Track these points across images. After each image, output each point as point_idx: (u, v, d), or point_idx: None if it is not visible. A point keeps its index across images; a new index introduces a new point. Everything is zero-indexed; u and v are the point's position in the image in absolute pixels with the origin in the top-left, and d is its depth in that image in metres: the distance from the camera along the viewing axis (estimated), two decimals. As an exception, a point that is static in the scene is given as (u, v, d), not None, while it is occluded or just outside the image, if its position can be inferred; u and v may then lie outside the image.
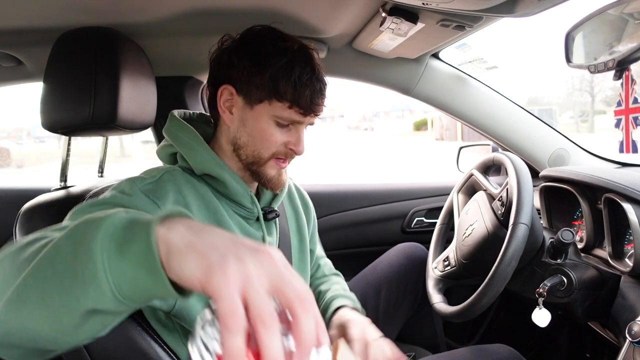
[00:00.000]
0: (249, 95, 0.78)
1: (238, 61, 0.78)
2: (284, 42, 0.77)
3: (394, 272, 1.24)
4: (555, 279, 0.94)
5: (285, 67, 0.75)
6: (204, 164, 0.79)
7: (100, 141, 1.18)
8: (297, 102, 0.76)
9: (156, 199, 0.71)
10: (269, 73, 0.75)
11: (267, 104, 0.77)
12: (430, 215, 1.62)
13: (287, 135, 0.80)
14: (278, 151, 0.81)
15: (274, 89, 0.75)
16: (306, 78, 0.76)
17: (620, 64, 0.76)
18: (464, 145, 1.68)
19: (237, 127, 0.81)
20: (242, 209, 0.83)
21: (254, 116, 0.79)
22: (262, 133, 0.79)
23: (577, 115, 25.74)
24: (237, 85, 0.79)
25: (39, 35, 1.03)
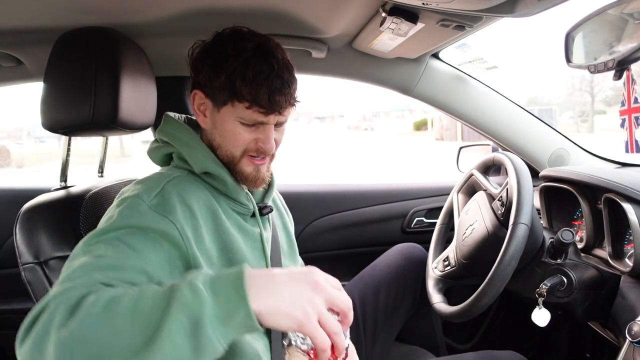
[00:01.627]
0: (214, 98, 0.79)
1: (201, 66, 0.79)
2: (242, 42, 0.77)
3: (392, 272, 1.24)
4: (555, 279, 0.94)
5: (240, 67, 0.75)
6: (205, 163, 0.81)
7: (100, 141, 1.18)
8: (256, 101, 0.75)
9: (166, 214, 0.72)
10: (225, 75, 0.76)
11: (230, 106, 0.78)
12: (430, 215, 1.62)
13: (256, 133, 0.80)
14: (248, 148, 0.81)
15: (231, 90, 0.76)
16: (262, 77, 0.75)
17: (620, 64, 0.75)
18: (464, 145, 1.68)
19: (211, 129, 0.82)
20: (239, 206, 0.85)
21: (221, 118, 0.80)
22: (230, 133, 0.80)
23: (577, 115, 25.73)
24: (204, 90, 0.80)
25: (39, 35, 1.03)
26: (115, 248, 0.65)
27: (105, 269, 0.62)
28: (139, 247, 0.67)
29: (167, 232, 0.70)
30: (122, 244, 0.66)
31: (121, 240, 0.66)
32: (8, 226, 0.89)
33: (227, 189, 0.82)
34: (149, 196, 0.73)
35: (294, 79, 0.80)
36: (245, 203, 0.85)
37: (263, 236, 0.87)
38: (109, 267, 0.62)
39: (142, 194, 0.73)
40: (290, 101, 0.79)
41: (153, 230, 0.69)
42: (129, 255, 0.65)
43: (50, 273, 0.81)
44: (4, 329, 1.49)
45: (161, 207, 0.72)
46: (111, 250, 0.65)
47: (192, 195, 0.77)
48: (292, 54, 0.84)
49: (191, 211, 0.75)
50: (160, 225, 0.70)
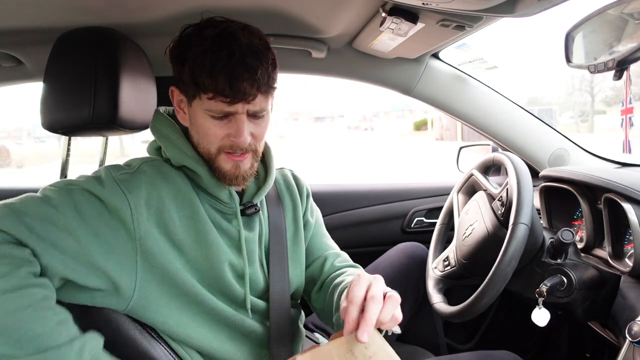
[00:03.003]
0: (186, 93, 0.78)
1: (173, 62, 0.78)
2: (205, 30, 0.74)
3: (395, 271, 1.24)
4: (555, 279, 0.94)
5: (200, 57, 0.72)
6: (180, 156, 0.80)
7: (100, 141, 1.18)
8: (217, 90, 0.72)
9: (126, 191, 0.72)
10: (188, 67, 0.73)
11: (198, 99, 0.75)
12: (430, 215, 1.62)
13: (227, 128, 0.76)
14: (223, 145, 0.78)
15: (194, 82, 0.73)
16: (221, 64, 0.71)
17: (620, 64, 0.76)
18: (464, 145, 1.68)
19: (190, 125, 0.81)
20: (220, 204, 0.82)
21: (193, 113, 0.78)
22: (202, 129, 0.77)
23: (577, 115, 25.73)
24: (178, 86, 0.79)
25: (39, 35, 1.03)
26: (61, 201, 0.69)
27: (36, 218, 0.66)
28: (82, 209, 0.69)
29: (117, 208, 0.71)
30: (71, 200, 0.69)
31: (72, 196, 0.70)
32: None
33: (204, 184, 0.80)
34: (119, 170, 0.75)
35: (261, 64, 0.73)
36: (226, 201, 0.82)
37: (242, 237, 0.83)
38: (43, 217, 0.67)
39: (115, 167, 0.77)
40: (259, 88, 0.73)
41: (104, 200, 0.71)
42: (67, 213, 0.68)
43: (50, 273, 0.81)
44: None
45: (125, 184, 0.73)
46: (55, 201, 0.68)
47: (166, 180, 0.77)
48: (292, 54, 0.84)
49: (159, 194, 0.75)
50: (114, 200, 0.71)
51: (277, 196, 0.96)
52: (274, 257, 0.90)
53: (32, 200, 0.70)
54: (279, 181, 0.99)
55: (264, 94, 0.76)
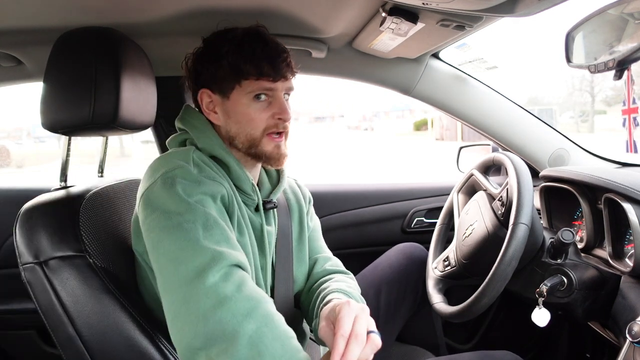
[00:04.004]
0: (221, 89, 0.85)
1: (201, 67, 0.86)
2: (231, 32, 0.85)
3: (394, 272, 1.24)
4: (555, 279, 0.94)
5: (236, 49, 0.82)
6: (213, 147, 0.85)
7: (100, 141, 1.18)
8: (261, 72, 0.82)
9: (212, 178, 0.79)
10: (226, 61, 0.82)
11: (238, 87, 0.84)
12: (430, 215, 1.62)
13: (270, 108, 0.85)
14: (268, 125, 0.85)
15: (236, 72, 0.83)
16: (258, 50, 0.82)
17: (621, 64, 0.75)
18: (464, 145, 1.68)
19: (225, 122, 0.87)
20: (244, 195, 0.87)
21: (232, 104, 0.85)
22: (246, 116, 0.85)
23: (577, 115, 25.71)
24: (209, 86, 0.86)
25: (39, 35, 1.03)
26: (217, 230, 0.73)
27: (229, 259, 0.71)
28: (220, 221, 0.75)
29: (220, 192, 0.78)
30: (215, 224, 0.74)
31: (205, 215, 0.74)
32: (8, 226, 0.89)
33: (232, 176, 0.85)
34: (189, 164, 0.78)
35: (288, 52, 0.86)
36: (250, 193, 0.88)
37: (264, 229, 0.89)
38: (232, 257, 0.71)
39: (181, 163, 0.78)
40: (291, 67, 0.86)
41: (214, 196, 0.77)
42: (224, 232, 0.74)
43: (50, 273, 0.81)
44: (4, 329, 1.49)
45: (205, 173, 0.79)
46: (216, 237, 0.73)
47: (209, 164, 0.83)
48: (292, 54, 0.86)
49: (220, 176, 0.82)
50: (216, 188, 0.78)
51: (285, 199, 1.02)
52: (280, 256, 0.94)
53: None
54: (285, 186, 1.03)
55: (292, 75, 0.87)
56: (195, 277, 0.67)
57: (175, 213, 0.72)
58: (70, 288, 0.81)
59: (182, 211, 0.72)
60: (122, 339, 0.78)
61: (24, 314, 1.45)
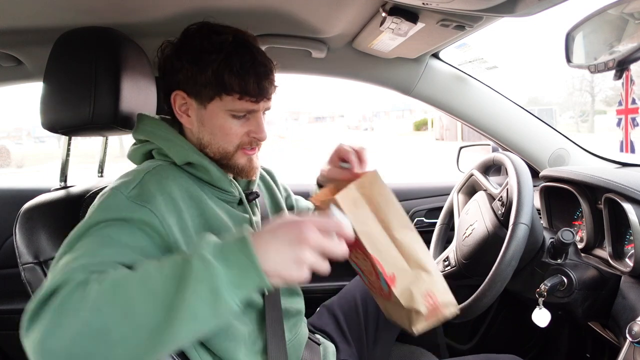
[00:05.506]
0: (199, 96, 0.79)
1: (180, 65, 0.79)
2: (219, 36, 0.78)
3: None
4: (555, 279, 0.94)
5: (224, 60, 0.76)
6: (185, 153, 0.81)
7: (100, 141, 1.18)
8: (245, 91, 0.77)
9: (145, 203, 0.71)
10: (211, 70, 0.76)
11: (218, 100, 0.79)
12: (430, 215, 1.62)
13: (247, 125, 0.82)
14: (242, 142, 0.83)
15: (219, 84, 0.77)
16: (248, 66, 0.77)
17: (621, 64, 0.75)
18: (464, 145, 1.68)
19: (198, 128, 0.82)
20: (224, 194, 0.85)
21: (209, 115, 0.80)
22: (221, 129, 0.81)
23: (577, 115, 25.72)
24: (186, 89, 0.80)
25: (39, 35, 1.03)
26: (96, 242, 0.65)
27: (87, 266, 0.62)
28: (118, 238, 0.67)
29: (146, 221, 0.70)
30: (103, 237, 0.66)
31: (101, 234, 0.66)
32: (8, 226, 0.89)
33: (210, 178, 0.83)
34: (127, 188, 0.73)
35: (273, 65, 0.82)
36: (230, 190, 0.86)
37: (253, 221, 0.88)
38: (90, 264, 0.62)
39: (120, 186, 0.73)
40: (274, 86, 0.82)
41: (131, 220, 0.69)
42: (109, 248, 0.65)
43: (50, 273, 0.81)
44: (4, 329, 1.49)
45: (139, 198, 0.72)
46: (93, 245, 0.65)
47: (172, 183, 0.77)
48: (292, 54, 0.85)
49: (172, 198, 0.75)
50: (139, 214, 0.70)
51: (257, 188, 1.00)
52: None
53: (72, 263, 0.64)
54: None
55: (274, 92, 0.83)
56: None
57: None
58: (70, 288, 0.80)
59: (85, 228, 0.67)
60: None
61: (24, 314, 1.45)
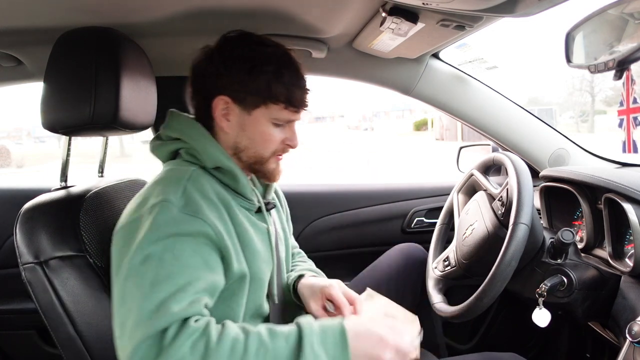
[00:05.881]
0: (244, 102, 0.82)
1: (227, 71, 0.82)
2: (268, 48, 0.84)
3: (392, 273, 1.24)
4: (555, 279, 0.94)
5: (276, 72, 0.81)
6: (217, 157, 0.83)
7: (100, 141, 1.18)
8: (290, 102, 0.83)
9: (195, 214, 0.74)
10: (263, 80, 0.81)
11: (263, 108, 0.82)
12: (430, 215, 1.62)
13: (283, 133, 0.86)
14: (277, 149, 0.87)
15: (268, 93, 0.81)
16: (295, 79, 0.84)
17: (621, 64, 0.75)
18: (464, 145, 1.68)
19: (237, 133, 0.85)
20: (245, 202, 0.87)
21: (252, 121, 0.84)
22: (262, 135, 0.84)
23: (577, 115, 25.70)
24: (232, 94, 0.82)
25: (39, 35, 1.03)
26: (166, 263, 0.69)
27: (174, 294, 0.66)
28: (186, 260, 0.70)
29: (203, 232, 0.73)
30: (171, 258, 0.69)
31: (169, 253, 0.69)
32: (8, 226, 0.89)
33: (236, 185, 0.85)
34: (175, 198, 0.74)
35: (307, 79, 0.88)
36: (251, 199, 0.88)
37: (270, 231, 0.90)
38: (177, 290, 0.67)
39: (168, 197, 0.74)
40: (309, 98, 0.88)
41: (190, 234, 0.72)
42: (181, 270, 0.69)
43: (50, 273, 0.81)
44: (4, 329, 1.49)
45: (189, 208, 0.74)
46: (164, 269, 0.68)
47: (209, 189, 0.80)
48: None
49: (214, 204, 0.79)
50: (196, 227, 0.73)
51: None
52: (280, 252, 0.98)
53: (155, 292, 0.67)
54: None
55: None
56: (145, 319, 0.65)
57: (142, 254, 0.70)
58: (70, 288, 0.81)
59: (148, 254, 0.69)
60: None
61: (24, 314, 1.45)
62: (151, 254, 0.69)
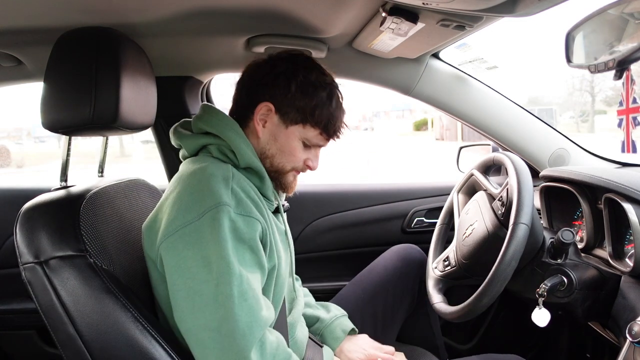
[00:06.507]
0: (286, 115, 0.87)
1: (284, 84, 0.87)
2: (324, 76, 0.89)
3: (389, 275, 1.24)
4: (555, 279, 0.94)
5: (326, 99, 0.87)
6: (250, 158, 0.86)
7: (100, 141, 1.18)
8: (327, 129, 0.89)
9: (248, 213, 0.79)
10: (313, 102, 0.86)
11: (301, 126, 0.88)
12: (430, 215, 1.62)
13: (308, 154, 0.91)
14: (297, 166, 0.92)
15: (312, 116, 0.86)
16: (338, 111, 0.89)
17: (621, 64, 0.75)
18: (464, 145, 1.68)
19: (268, 140, 0.89)
20: (268, 202, 0.91)
21: (286, 134, 0.88)
22: (290, 150, 0.89)
23: (577, 115, 25.69)
24: (277, 105, 0.87)
25: (39, 35, 1.03)
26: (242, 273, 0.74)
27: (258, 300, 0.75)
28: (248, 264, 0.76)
29: (257, 232, 0.78)
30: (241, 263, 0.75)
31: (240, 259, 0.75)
32: (8, 226, 0.89)
33: (262, 185, 0.88)
34: (228, 199, 0.77)
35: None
36: (272, 200, 0.93)
37: (287, 231, 0.96)
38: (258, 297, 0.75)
39: (222, 199, 0.76)
40: (344, 131, 0.94)
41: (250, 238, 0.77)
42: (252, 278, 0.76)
43: (50, 273, 0.81)
44: (4, 329, 1.49)
45: (242, 208, 0.78)
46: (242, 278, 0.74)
47: (249, 188, 0.83)
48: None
49: (255, 202, 0.82)
50: (252, 228, 0.78)
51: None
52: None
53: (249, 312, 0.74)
54: None
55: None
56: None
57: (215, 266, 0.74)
58: (70, 288, 0.80)
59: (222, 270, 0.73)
60: (123, 339, 0.78)
61: (24, 314, 1.45)
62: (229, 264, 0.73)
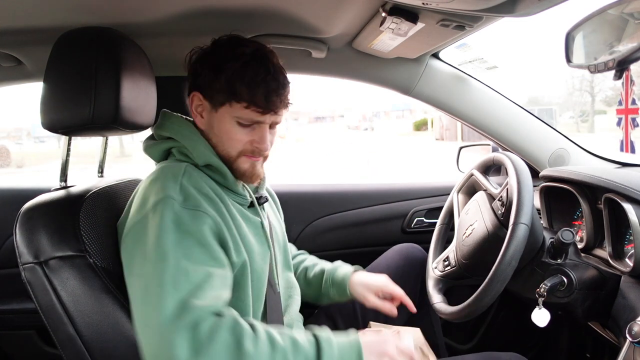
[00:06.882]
0: (212, 99, 0.85)
1: (201, 70, 0.86)
2: (240, 47, 0.84)
3: (391, 273, 1.24)
4: (555, 279, 0.94)
5: (239, 70, 0.82)
6: (207, 155, 0.86)
7: (100, 141, 1.18)
8: (253, 101, 0.82)
9: (195, 207, 0.77)
10: (225, 77, 0.82)
11: (227, 106, 0.84)
12: (430, 215, 1.62)
13: (251, 134, 0.86)
14: (244, 149, 0.87)
15: (230, 91, 0.82)
16: (260, 78, 0.82)
17: (621, 64, 0.75)
18: (464, 145, 1.68)
19: (208, 129, 0.89)
20: (237, 197, 0.90)
21: (218, 118, 0.86)
22: (227, 133, 0.86)
23: (577, 115, 25.71)
24: (203, 92, 0.87)
25: (39, 35, 1.03)
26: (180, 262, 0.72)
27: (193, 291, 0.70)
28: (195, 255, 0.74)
29: (206, 226, 0.76)
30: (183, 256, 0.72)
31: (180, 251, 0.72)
32: (8, 226, 0.89)
33: (226, 182, 0.87)
34: (175, 194, 0.77)
35: (288, 83, 0.87)
36: (242, 193, 0.91)
37: (264, 224, 0.93)
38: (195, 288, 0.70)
39: (168, 193, 0.77)
40: (285, 102, 0.86)
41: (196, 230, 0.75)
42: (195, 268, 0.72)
43: (50, 273, 0.81)
44: (4, 329, 1.49)
45: (189, 202, 0.77)
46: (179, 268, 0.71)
47: (203, 184, 0.82)
48: (292, 54, 0.86)
49: (210, 198, 0.81)
50: (199, 222, 0.76)
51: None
52: (277, 245, 1.01)
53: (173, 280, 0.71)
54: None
55: (285, 108, 0.87)
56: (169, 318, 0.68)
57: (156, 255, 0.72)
58: (70, 288, 0.81)
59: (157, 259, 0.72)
60: (123, 339, 0.78)
61: (24, 314, 1.45)
62: (164, 254, 0.71)
